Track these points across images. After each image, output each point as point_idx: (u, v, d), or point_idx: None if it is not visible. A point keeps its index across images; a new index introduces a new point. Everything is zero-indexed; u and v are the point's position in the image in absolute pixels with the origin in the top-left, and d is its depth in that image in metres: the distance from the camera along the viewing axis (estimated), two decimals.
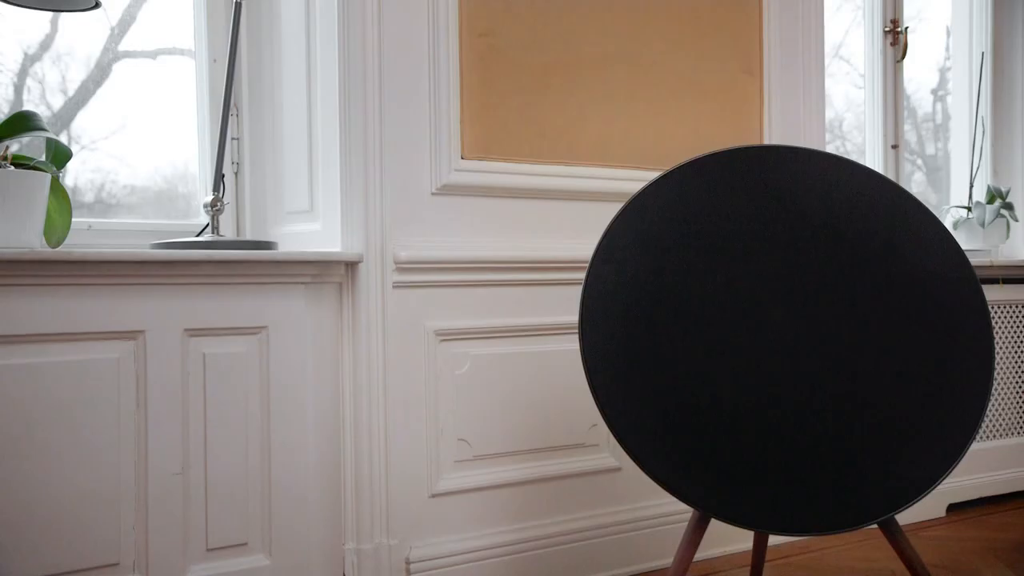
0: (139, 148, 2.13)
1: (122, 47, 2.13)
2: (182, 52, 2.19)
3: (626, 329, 1.64)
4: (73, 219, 1.76)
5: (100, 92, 2.10)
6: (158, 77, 2.16)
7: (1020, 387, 3.10)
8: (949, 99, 3.57)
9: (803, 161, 1.76)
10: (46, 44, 2.03)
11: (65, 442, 1.61)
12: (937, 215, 1.80)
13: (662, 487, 1.60)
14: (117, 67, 2.12)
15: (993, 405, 3.03)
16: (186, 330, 1.73)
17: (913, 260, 1.73)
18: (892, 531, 1.67)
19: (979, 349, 1.71)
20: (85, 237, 1.95)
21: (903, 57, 3.19)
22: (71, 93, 2.07)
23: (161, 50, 2.17)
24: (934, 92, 3.58)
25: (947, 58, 3.57)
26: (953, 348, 1.70)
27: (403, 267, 2.02)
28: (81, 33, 2.07)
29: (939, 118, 3.59)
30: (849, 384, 1.66)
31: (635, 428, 1.60)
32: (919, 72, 3.43)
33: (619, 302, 1.65)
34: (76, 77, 2.07)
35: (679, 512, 2.36)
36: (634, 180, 2.26)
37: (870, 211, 1.75)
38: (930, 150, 3.58)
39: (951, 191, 3.49)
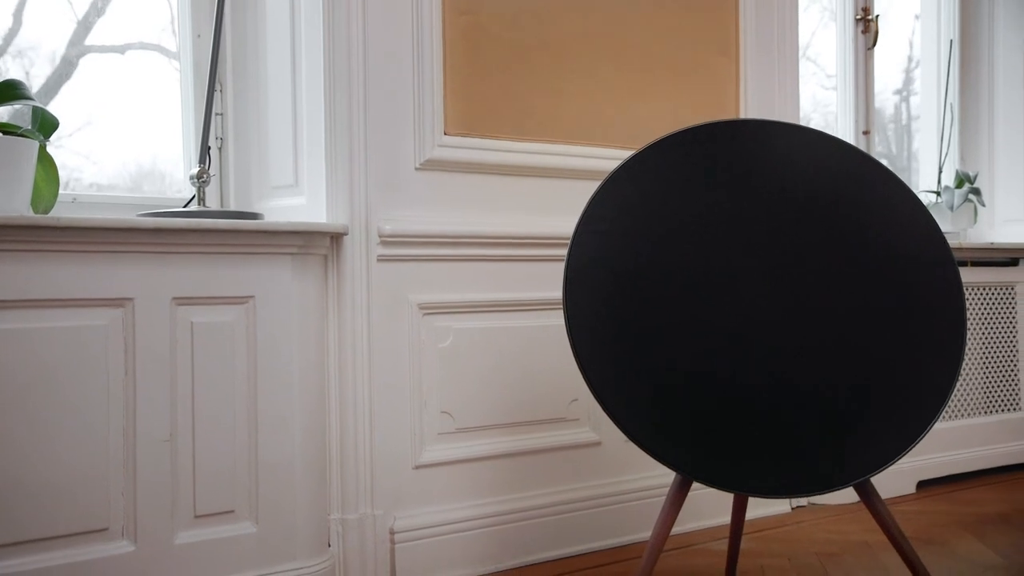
0: (106, 145, 2.10)
1: (89, 41, 2.10)
2: (152, 47, 2.17)
3: (609, 297, 1.67)
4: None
5: (66, 88, 2.06)
6: (127, 72, 2.13)
7: (987, 367, 3.17)
8: (913, 99, 3.65)
9: (783, 135, 1.80)
10: (9, 38, 2.00)
11: (54, 407, 1.62)
12: None
13: (645, 451, 1.63)
14: (83, 62, 2.09)
15: (961, 385, 3.10)
16: (174, 298, 1.73)
17: (891, 234, 1.78)
18: (868, 494, 1.72)
19: (952, 318, 1.76)
20: (70, 210, 1.95)
21: (874, 44, 3.25)
22: (36, 89, 2.03)
23: (130, 45, 2.15)
24: (899, 92, 3.65)
25: (911, 59, 3.65)
26: (928, 318, 1.75)
27: (387, 240, 2.04)
28: (46, 27, 2.04)
29: (903, 119, 3.67)
30: (828, 354, 1.70)
31: (618, 394, 1.64)
32: (883, 73, 3.49)
33: (601, 271, 1.68)
34: (41, 72, 2.04)
35: (658, 486, 2.40)
36: (613, 159, 2.29)
37: (848, 186, 1.79)
38: (894, 150, 3.65)
39: (918, 185, 3.56)
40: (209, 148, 1.95)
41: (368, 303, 2.02)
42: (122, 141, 2.12)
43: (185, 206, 1.98)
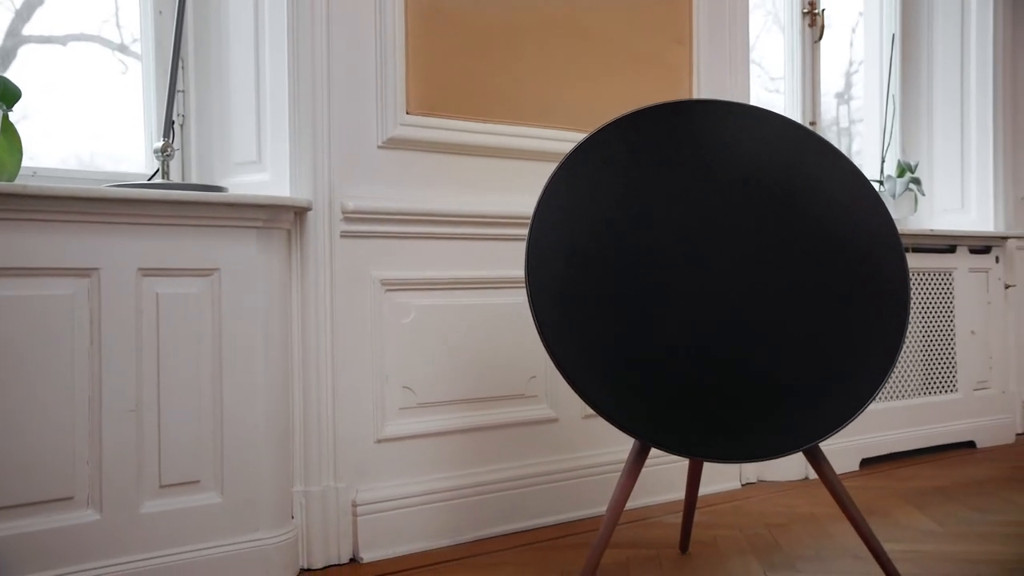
0: (44, 139, 2.06)
1: (28, 31, 2.06)
2: (94, 39, 2.14)
3: (569, 272, 1.71)
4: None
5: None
6: (67, 64, 2.09)
7: (925, 351, 3.29)
8: (854, 103, 3.76)
9: (739, 115, 1.86)
10: None
11: (19, 376, 1.62)
12: None
13: (606, 419, 1.68)
14: (22, 52, 2.05)
15: (901, 368, 3.21)
16: (140, 269, 1.74)
17: (844, 219, 1.85)
18: (817, 459, 1.79)
19: (897, 300, 1.84)
20: (32, 183, 1.94)
21: (820, 38, 3.35)
22: None
23: (72, 36, 2.12)
24: (839, 96, 3.76)
25: (851, 62, 3.76)
26: (876, 298, 1.83)
27: (350, 217, 2.07)
28: None
29: (843, 122, 3.78)
30: (780, 327, 1.77)
31: (580, 366, 1.68)
32: (824, 77, 3.56)
33: (562, 247, 1.72)
34: None
35: (612, 462, 2.45)
36: (572, 141, 2.34)
37: (803, 169, 1.86)
38: None
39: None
40: (173, 123, 1.96)
41: (331, 278, 2.05)
42: (62, 135, 2.08)
43: (150, 179, 1.99)
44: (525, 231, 1.91)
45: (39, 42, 2.07)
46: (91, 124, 2.14)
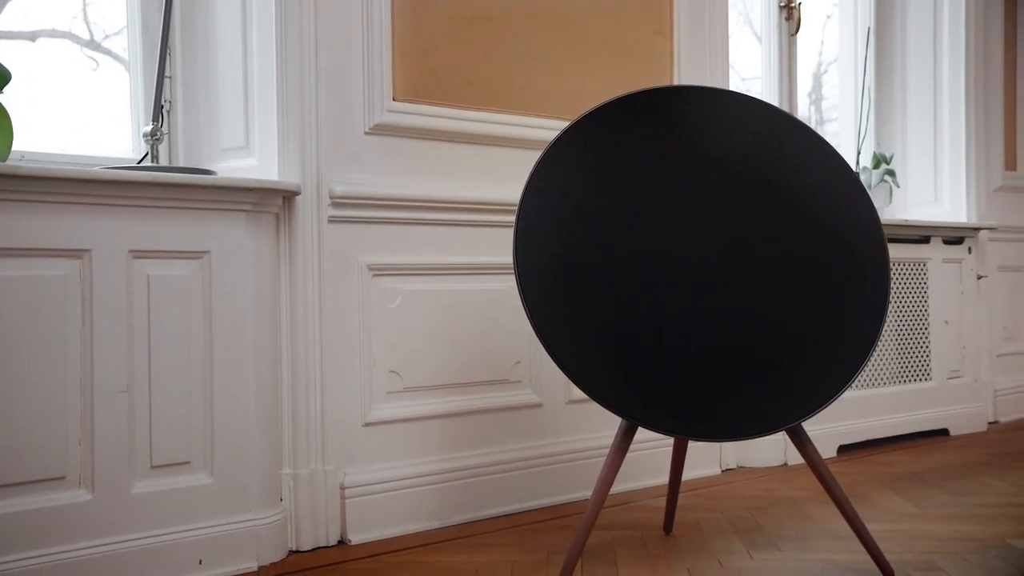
0: (15, 135, 2.02)
1: None
2: (64, 35, 2.13)
3: (558, 255, 1.74)
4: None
5: None
6: (38, 60, 2.09)
7: (901, 340, 3.35)
8: (824, 103, 3.81)
9: (724, 101, 1.90)
10: None
11: (12, 356, 1.62)
12: None
13: (593, 398, 1.70)
14: None
15: (877, 357, 3.26)
16: (131, 251, 1.75)
17: (829, 207, 1.89)
18: (800, 438, 1.83)
19: (877, 279, 1.88)
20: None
21: (797, 31, 3.40)
22: None
23: (42, 31, 2.11)
24: (809, 95, 3.81)
25: (820, 63, 3.81)
26: (856, 283, 1.86)
27: (338, 202, 2.08)
28: None
29: (814, 121, 3.83)
30: (765, 311, 1.81)
31: (568, 345, 1.71)
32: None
33: (551, 230, 1.75)
34: None
35: (596, 447, 2.48)
36: (555, 129, 2.37)
37: (787, 155, 1.90)
38: None
39: None
40: (162, 107, 1.97)
41: (319, 263, 2.06)
42: (33, 131, 2.06)
43: (139, 162, 1.99)
44: (511, 218, 1.93)
45: (7, 38, 2.06)
46: (63, 121, 2.13)
